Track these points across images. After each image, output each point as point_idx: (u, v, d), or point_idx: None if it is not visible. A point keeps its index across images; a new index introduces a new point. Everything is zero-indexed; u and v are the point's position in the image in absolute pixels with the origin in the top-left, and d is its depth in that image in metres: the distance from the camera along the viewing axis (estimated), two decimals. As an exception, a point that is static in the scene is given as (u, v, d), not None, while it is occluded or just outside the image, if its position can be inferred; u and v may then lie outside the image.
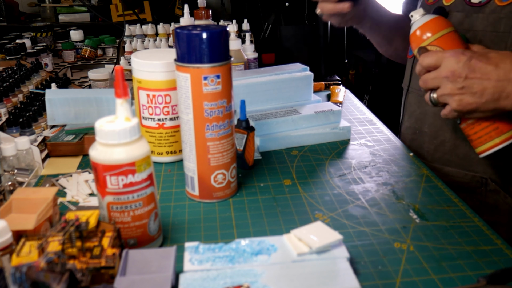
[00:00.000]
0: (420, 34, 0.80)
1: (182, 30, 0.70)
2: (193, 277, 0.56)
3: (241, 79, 1.08)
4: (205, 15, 1.33)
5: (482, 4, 0.87)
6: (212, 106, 0.72)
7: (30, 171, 0.85)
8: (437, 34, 0.78)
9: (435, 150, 0.99)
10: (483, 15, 0.87)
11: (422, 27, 0.79)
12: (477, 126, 0.79)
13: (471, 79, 0.73)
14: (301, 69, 1.15)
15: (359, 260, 0.63)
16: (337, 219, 0.73)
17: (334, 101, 1.27)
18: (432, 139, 0.99)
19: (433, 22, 0.79)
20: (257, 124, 0.97)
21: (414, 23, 0.81)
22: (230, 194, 0.79)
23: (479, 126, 0.78)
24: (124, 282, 0.53)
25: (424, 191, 0.80)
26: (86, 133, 0.98)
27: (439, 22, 0.79)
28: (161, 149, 0.91)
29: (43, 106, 1.07)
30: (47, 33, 1.88)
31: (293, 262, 0.59)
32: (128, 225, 0.62)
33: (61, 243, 0.53)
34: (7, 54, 1.54)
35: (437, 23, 0.79)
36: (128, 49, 1.58)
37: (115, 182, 0.59)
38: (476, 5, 0.88)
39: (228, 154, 0.76)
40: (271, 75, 1.11)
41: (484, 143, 0.79)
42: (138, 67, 0.87)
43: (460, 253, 0.64)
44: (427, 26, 0.79)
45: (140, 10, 2.13)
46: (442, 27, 0.79)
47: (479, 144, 0.80)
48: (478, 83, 0.73)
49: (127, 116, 0.60)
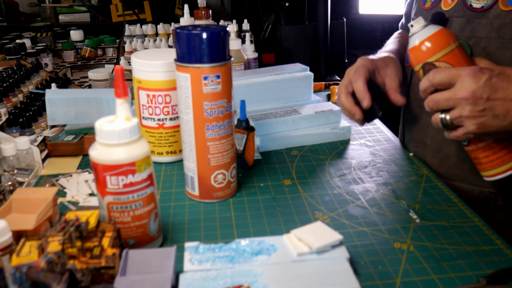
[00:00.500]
0: (425, 49, 0.72)
1: (182, 30, 0.70)
2: (193, 277, 0.56)
3: (241, 79, 1.08)
4: (205, 15, 1.33)
5: (485, 9, 0.81)
6: (212, 106, 0.72)
7: (30, 171, 0.85)
8: (445, 50, 0.71)
9: (439, 164, 0.93)
10: (486, 21, 0.81)
11: (427, 40, 0.71)
12: (488, 149, 0.74)
13: (493, 101, 0.66)
14: (301, 69, 1.15)
15: (359, 260, 0.63)
16: (337, 219, 0.73)
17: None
18: (435, 153, 0.94)
19: (439, 36, 0.71)
20: (257, 124, 0.97)
21: (416, 35, 0.73)
22: (230, 194, 0.79)
23: (491, 149, 0.74)
24: (124, 282, 0.53)
25: (424, 191, 0.80)
26: (86, 133, 0.98)
27: (446, 36, 0.71)
28: (161, 149, 0.91)
29: (43, 106, 1.07)
30: (47, 33, 1.88)
31: (293, 262, 0.59)
32: (128, 225, 0.62)
33: (61, 243, 0.53)
34: (7, 54, 1.53)
35: (443, 36, 0.71)
36: (128, 49, 1.58)
37: (115, 182, 0.59)
38: (478, 10, 0.82)
39: (228, 154, 0.76)
40: (271, 75, 1.11)
41: (496, 167, 0.74)
42: (138, 67, 0.87)
43: (460, 253, 0.64)
44: (433, 40, 0.71)
45: (140, 10, 2.13)
46: (449, 41, 0.71)
47: (490, 168, 0.75)
48: (501, 104, 0.66)
49: (127, 116, 0.60)
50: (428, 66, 0.72)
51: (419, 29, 0.72)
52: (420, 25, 0.73)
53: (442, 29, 0.72)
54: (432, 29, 0.72)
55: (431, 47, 0.71)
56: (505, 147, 0.73)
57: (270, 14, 1.64)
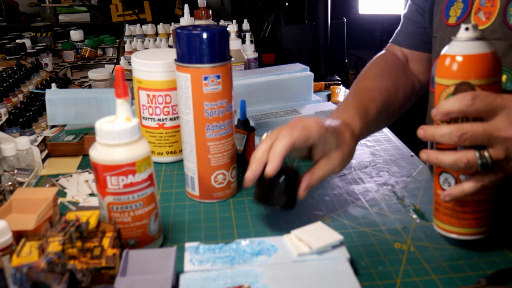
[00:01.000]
0: (477, 65, 0.56)
1: (183, 30, 0.70)
2: (193, 278, 0.56)
3: (241, 79, 1.08)
4: (205, 15, 1.33)
5: None
6: (213, 106, 0.72)
7: (30, 171, 0.85)
8: (496, 78, 0.57)
9: None
10: None
11: (483, 57, 0.56)
12: (471, 206, 0.60)
13: None
14: (301, 69, 1.15)
15: (360, 260, 0.63)
16: (337, 219, 0.73)
17: (334, 101, 1.27)
18: None
19: (490, 60, 0.56)
20: (257, 124, 0.97)
21: (469, 43, 0.56)
22: (231, 194, 0.79)
23: (475, 207, 0.60)
24: (125, 282, 0.53)
25: (425, 191, 0.80)
26: (86, 133, 0.98)
27: (496, 63, 0.57)
28: (161, 149, 0.91)
29: (43, 106, 1.07)
30: (47, 33, 1.88)
31: (294, 262, 0.59)
32: (128, 225, 0.62)
33: (62, 244, 0.53)
34: (7, 54, 1.54)
35: (494, 62, 0.56)
36: (128, 49, 1.58)
37: (115, 182, 0.59)
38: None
39: (228, 154, 0.76)
40: (271, 75, 1.11)
41: (463, 226, 0.61)
42: (138, 67, 0.87)
43: (461, 254, 0.64)
44: (490, 59, 0.56)
45: (140, 10, 2.13)
46: (498, 70, 0.57)
47: (456, 223, 0.61)
48: None
49: (127, 116, 0.60)
50: (465, 87, 0.56)
51: (476, 38, 0.56)
52: (476, 34, 0.56)
53: (493, 52, 0.57)
54: (490, 46, 0.57)
55: (484, 66, 0.56)
56: (484, 210, 0.61)
57: (270, 14, 1.65)
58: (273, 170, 0.64)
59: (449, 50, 0.58)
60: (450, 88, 0.57)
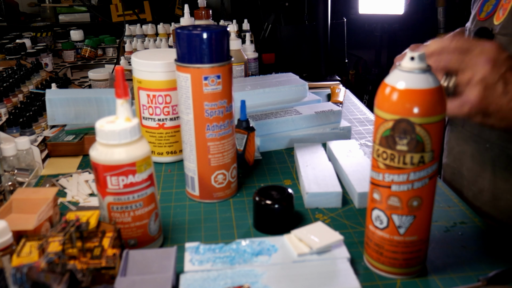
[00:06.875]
0: (407, 103, 0.50)
1: (183, 30, 0.70)
2: (193, 278, 0.56)
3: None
4: (205, 15, 1.33)
5: None
6: (213, 106, 0.72)
7: (30, 171, 0.85)
8: (435, 117, 0.51)
9: (473, 198, 0.84)
10: None
11: (415, 94, 0.51)
12: (402, 246, 0.57)
13: (509, 77, 0.60)
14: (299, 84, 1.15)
15: (360, 260, 0.63)
16: (337, 219, 0.73)
17: (334, 101, 1.27)
18: (470, 185, 0.85)
19: (434, 96, 0.51)
20: (257, 124, 0.97)
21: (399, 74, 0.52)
22: (231, 194, 0.79)
23: (405, 248, 0.57)
24: (125, 282, 0.53)
25: (425, 191, 0.80)
26: (86, 133, 0.98)
27: (441, 100, 0.52)
28: (161, 149, 0.91)
29: (43, 106, 1.07)
30: (47, 33, 1.88)
31: (294, 262, 0.59)
32: (128, 226, 0.62)
33: (62, 244, 0.53)
34: (7, 54, 1.54)
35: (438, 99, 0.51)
36: (128, 49, 1.59)
37: (115, 183, 0.59)
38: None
39: (229, 154, 0.76)
40: (269, 89, 1.12)
41: (394, 266, 0.58)
42: (138, 67, 0.87)
43: (461, 253, 0.64)
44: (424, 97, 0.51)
45: (140, 10, 2.13)
46: (442, 108, 0.52)
47: (385, 262, 0.58)
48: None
49: (127, 116, 0.60)
50: (404, 124, 0.51)
51: (421, 70, 0.51)
52: (421, 65, 0.51)
53: (441, 86, 0.52)
54: (436, 81, 0.51)
55: (428, 103, 0.50)
56: (418, 250, 0.58)
57: (270, 14, 1.65)
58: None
59: (390, 79, 0.52)
60: (389, 123, 0.52)
